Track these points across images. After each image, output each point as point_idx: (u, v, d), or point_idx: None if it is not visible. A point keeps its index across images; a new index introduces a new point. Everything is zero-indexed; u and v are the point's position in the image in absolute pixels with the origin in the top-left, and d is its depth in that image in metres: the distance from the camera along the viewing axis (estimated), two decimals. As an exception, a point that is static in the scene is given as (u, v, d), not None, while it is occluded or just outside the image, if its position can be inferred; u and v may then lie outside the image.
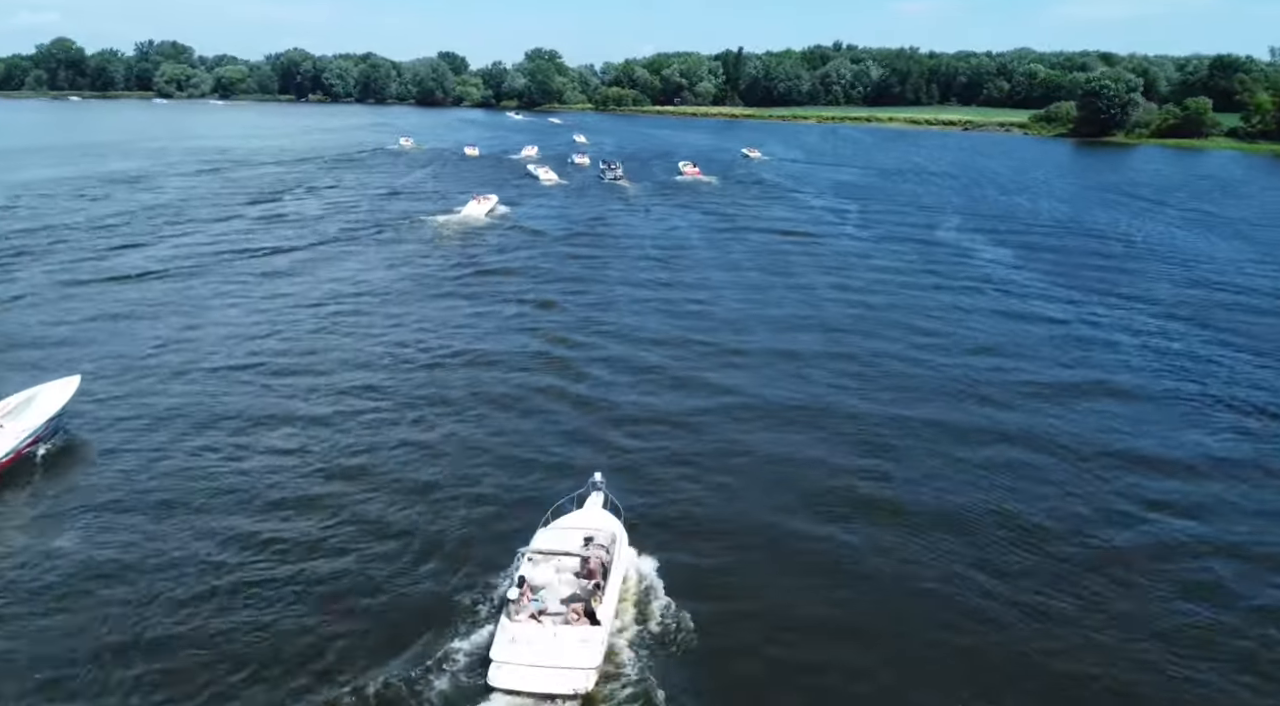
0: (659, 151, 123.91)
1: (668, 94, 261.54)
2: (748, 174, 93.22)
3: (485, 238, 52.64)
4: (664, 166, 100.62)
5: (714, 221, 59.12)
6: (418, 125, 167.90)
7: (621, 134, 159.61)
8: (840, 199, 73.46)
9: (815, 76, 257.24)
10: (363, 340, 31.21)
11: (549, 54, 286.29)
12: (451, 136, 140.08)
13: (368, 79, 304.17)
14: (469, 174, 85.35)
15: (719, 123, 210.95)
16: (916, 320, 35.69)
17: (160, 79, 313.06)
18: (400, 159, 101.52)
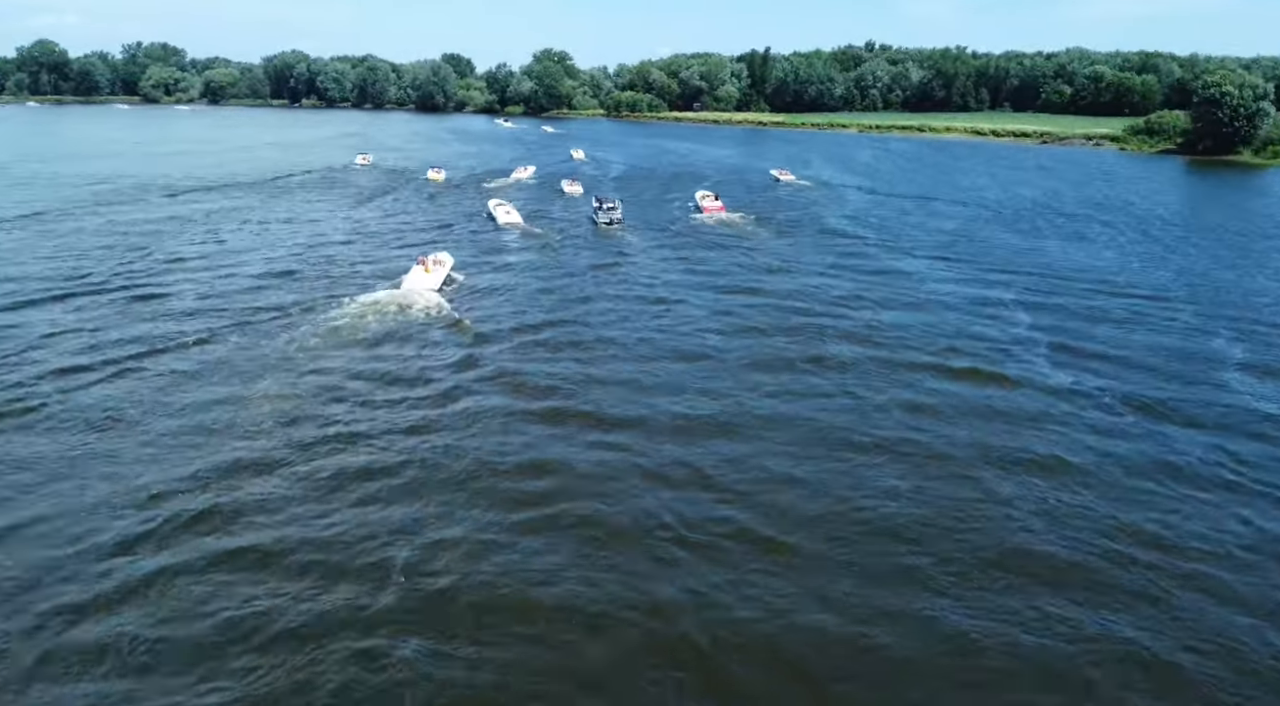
0: (673, 170, 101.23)
1: (686, 99, 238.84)
2: (795, 210, 70.44)
3: (410, 345, 30.54)
4: (679, 193, 78.09)
5: (766, 315, 35.95)
6: (395, 136, 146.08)
7: (631, 147, 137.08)
8: (969, 269, 46.11)
9: (849, 79, 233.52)
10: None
11: (558, 55, 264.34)
12: (424, 152, 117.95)
13: (365, 83, 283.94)
14: (424, 216, 63.14)
15: (744, 131, 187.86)
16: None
17: (146, 83, 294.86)
18: (347, 187, 79.53)
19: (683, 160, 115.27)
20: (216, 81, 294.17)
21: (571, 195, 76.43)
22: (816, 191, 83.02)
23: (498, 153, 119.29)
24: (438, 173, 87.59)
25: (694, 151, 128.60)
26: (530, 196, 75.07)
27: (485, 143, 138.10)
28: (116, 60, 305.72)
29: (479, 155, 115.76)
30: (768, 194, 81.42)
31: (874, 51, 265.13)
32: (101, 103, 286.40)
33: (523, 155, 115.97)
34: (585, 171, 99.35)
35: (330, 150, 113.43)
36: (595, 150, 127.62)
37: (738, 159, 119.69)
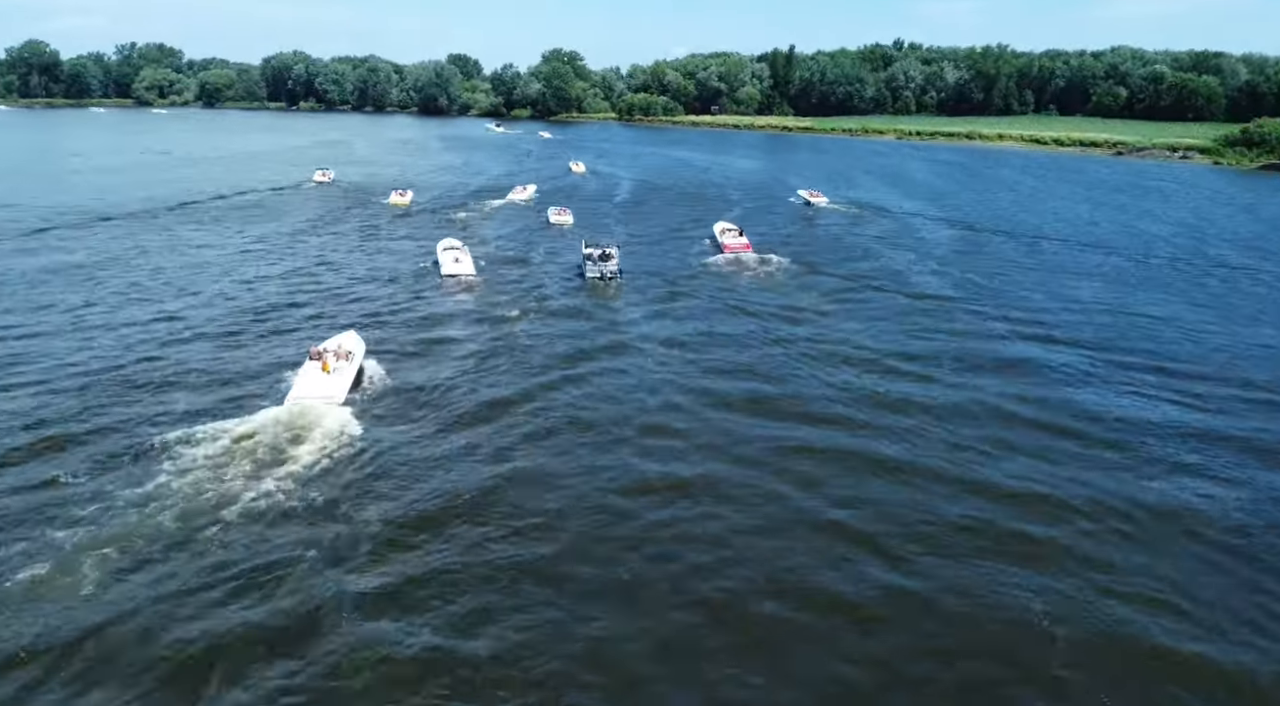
0: (688, 188, 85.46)
1: (703, 101, 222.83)
2: (841, 249, 54.71)
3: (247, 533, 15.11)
4: (693, 220, 62.74)
5: (844, 479, 20.48)
6: (378, 143, 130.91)
7: (641, 157, 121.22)
8: (1170, 381, 29.18)
9: (879, 80, 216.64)
10: None
11: (568, 56, 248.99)
12: (401, 165, 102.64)
13: (365, 84, 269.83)
14: (363, 262, 47.83)
15: (766, 137, 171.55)
16: None
17: (139, 85, 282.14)
18: (284, 216, 64.39)
19: (699, 175, 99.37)
20: (212, 83, 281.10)
21: (560, 226, 60.93)
22: (866, 220, 66.90)
23: (484, 166, 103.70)
24: (402, 196, 72.14)
25: (712, 163, 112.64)
26: (511, 228, 59.76)
27: (475, 152, 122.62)
28: (110, 62, 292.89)
29: (462, 169, 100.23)
30: (801, 223, 65.56)
31: (904, 50, 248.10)
32: (93, 105, 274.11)
33: (512, 169, 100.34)
34: (584, 190, 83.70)
35: (292, 163, 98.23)
36: (600, 161, 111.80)
37: (762, 173, 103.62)
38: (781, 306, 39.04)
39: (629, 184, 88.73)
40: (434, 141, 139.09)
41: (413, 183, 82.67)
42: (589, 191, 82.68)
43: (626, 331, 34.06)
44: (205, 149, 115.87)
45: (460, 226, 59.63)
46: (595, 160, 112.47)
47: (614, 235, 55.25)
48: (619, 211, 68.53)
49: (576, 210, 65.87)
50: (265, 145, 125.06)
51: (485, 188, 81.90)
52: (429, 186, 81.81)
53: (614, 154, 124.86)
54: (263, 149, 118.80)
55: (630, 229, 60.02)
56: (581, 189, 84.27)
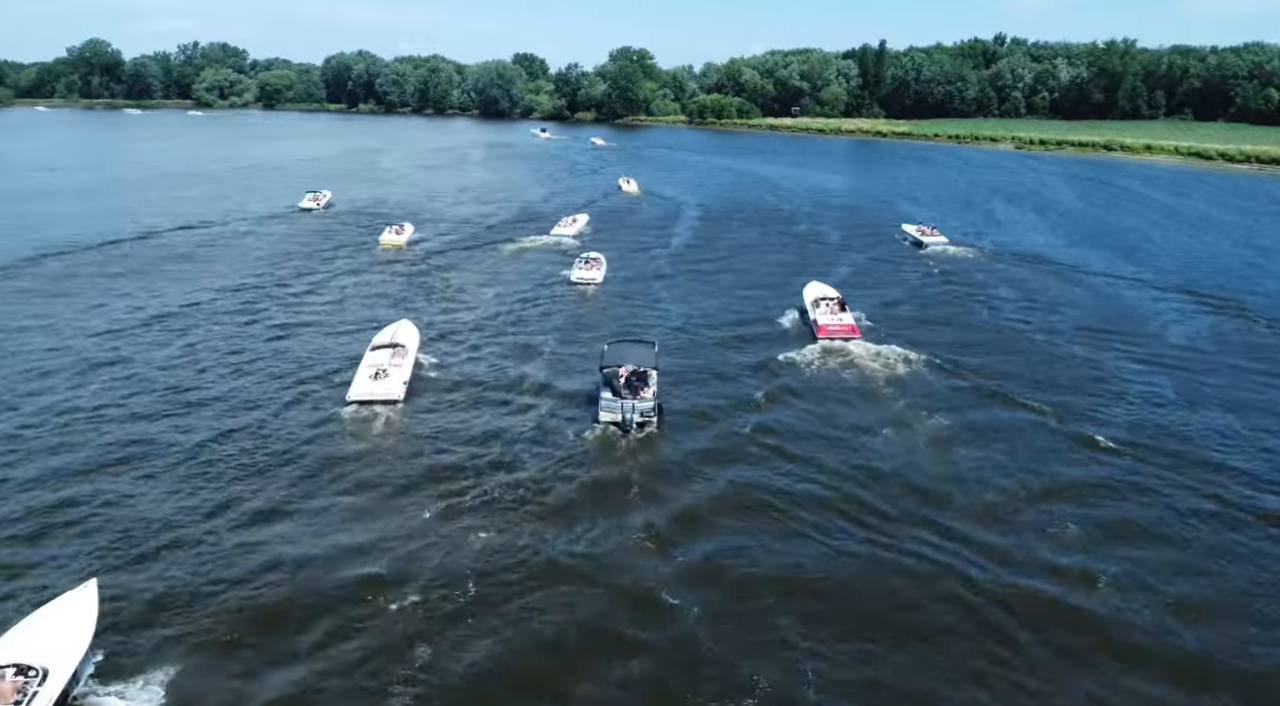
0: (764, 215, 67.28)
1: (783, 102, 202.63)
2: (994, 328, 36.24)
3: None
4: (773, 280, 44.80)
5: None
6: (412, 154, 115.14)
7: (709, 170, 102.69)
8: None
9: (983, 78, 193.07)
10: None
11: (637, 54, 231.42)
12: (422, 184, 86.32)
13: (426, 86, 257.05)
14: (274, 377, 31.01)
15: (855, 144, 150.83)
16: None
17: (200, 86, 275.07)
18: (237, 258, 48.88)
19: (777, 195, 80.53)
20: (271, 85, 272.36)
21: (583, 288, 43.45)
22: (1014, 276, 47.42)
23: (519, 185, 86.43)
24: (398, 233, 55.50)
25: (795, 179, 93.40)
26: (521, 289, 43.35)
27: (516, 165, 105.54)
28: (170, 62, 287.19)
29: (494, 189, 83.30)
30: (919, 278, 46.73)
31: (1007, 45, 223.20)
32: (153, 106, 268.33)
33: (551, 190, 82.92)
34: (632, 219, 66.04)
35: (302, 178, 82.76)
36: (658, 177, 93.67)
37: (857, 192, 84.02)
38: (929, 484, 20.63)
39: (690, 212, 70.37)
40: (476, 151, 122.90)
41: (424, 211, 66.45)
42: (637, 222, 64.77)
43: (647, 582, 16.11)
44: (214, 160, 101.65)
45: (447, 291, 42.28)
46: (653, 175, 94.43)
47: (656, 319, 37.29)
48: (672, 262, 50.25)
49: (616, 257, 48.30)
50: (286, 154, 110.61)
51: (513, 219, 64.67)
52: (442, 217, 65.03)
53: (677, 166, 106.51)
54: (280, 159, 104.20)
55: (684, 296, 41.84)
56: (628, 218, 66.38)
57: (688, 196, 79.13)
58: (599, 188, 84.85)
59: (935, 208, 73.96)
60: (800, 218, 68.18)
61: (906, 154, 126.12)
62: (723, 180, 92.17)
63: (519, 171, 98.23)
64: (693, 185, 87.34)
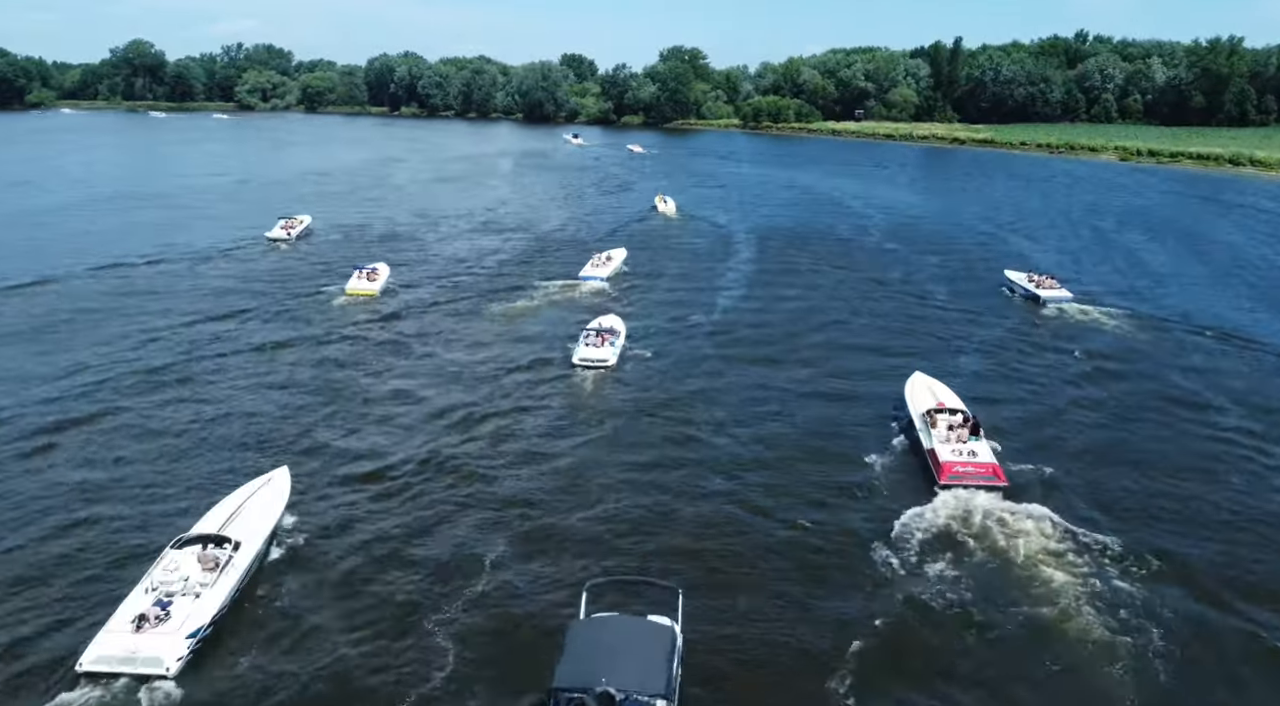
0: (833, 250, 53.80)
1: (846, 104, 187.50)
2: (1210, 475, 22.50)
3: None
4: (857, 364, 31.43)
5: None
6: (432, 162, 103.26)
7: (763, 185, 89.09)
8: None
9: (1068, 79, 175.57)
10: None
11: (689, 54, 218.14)
12: (424, 206, 74.36)
13: (469, 88, 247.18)
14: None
15: (928, 153, 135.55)
16: None
17: (242, 88, 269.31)
18: (162, 305, 37.52)
19: (849, 221, 66.80)
20: (313, 87, 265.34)
21: (590, 367, 30.86)
22: (1196, 363, 33.37)
23: (542, 206, 73.87)
24: (370, 278, 43.63)
25: (864, 198, 79.42)
26: (515, 368, 30.25)
27: (543, 178, 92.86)
28: (213, 64, 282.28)
29: (511, 211, 71.09)
30: (1054, 357, 33.46)
31: (1089, 42, 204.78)
32: (195, 108, 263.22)
33: (575, 212, 70.31)
34: (668, 255, 53.10)
35: (281, 202, 71.38)
36: (703, 194, 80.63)
37: (943, 218, 69.71)
38: None
39: (742, 247, 57.03)
40: (504, 160, 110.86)
41: (419, 242, 54.68)
42: (674, 261, 51.68)
43: None
44: (204, 174, 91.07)
45: (382, 395, 29.77)
46: (699, 193, 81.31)
47: (688, 456, 24.38)
48: (717, 333, 36.92)
49: (642, 320, 35.72)
50: (294, 165, 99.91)
51: (522, 255, 52.27)
52: (437, 251, 52.91)
53: (728, 180, 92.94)
54: (284, 171, 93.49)
55: (734, 403, 28.68)
56: (663, 256, 53.32)
57: (738, 223, 65.84)
58: (631, 208, 72.08)
59: (1049, 241, 59.70)
60: (881, 257, 54.43)
61: (993, 166, 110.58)
62: (781, 200, 78.51)
63: (543, 186, 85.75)
64: (745, 206, 73.95)
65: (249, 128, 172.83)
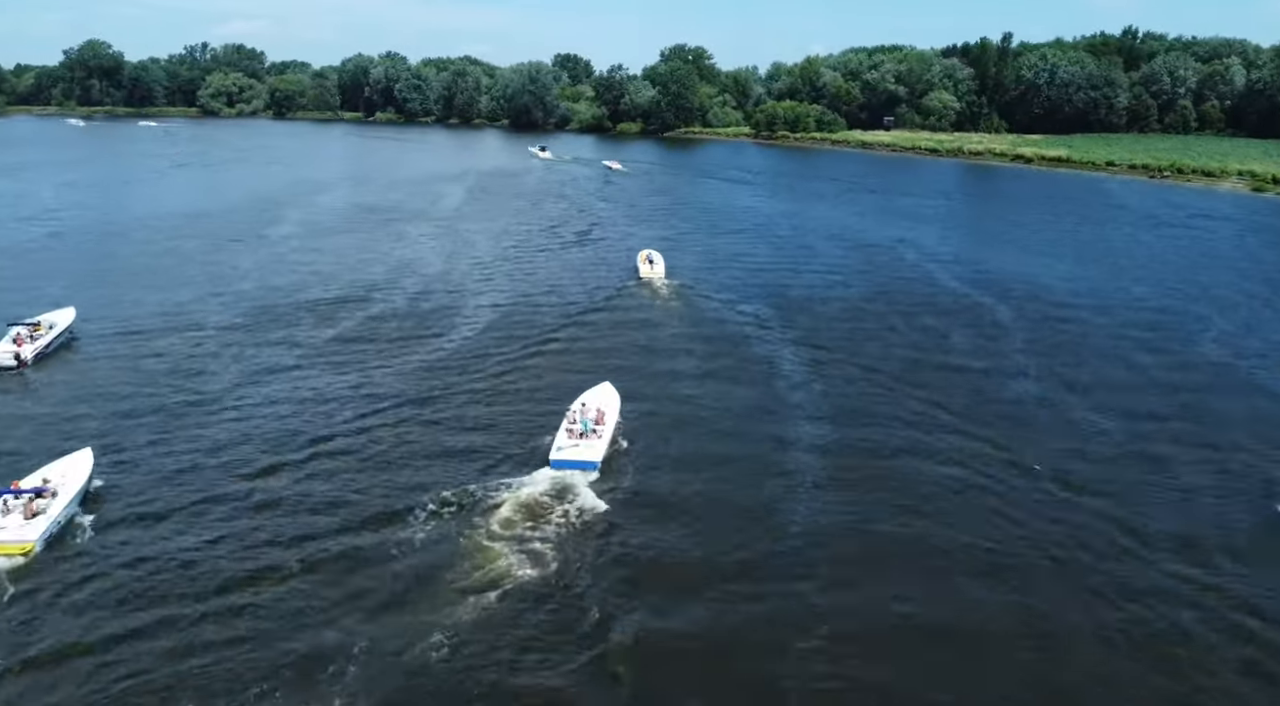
0: (898, 362, 28.23)
1: (873, 111, 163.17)
2: None
3: None
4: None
5: None
6: (372, 190, 78.72)
7: (783, 227, 64.79)
8: None
9: (1135, 82, 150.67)
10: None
11: (693, 53, 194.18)
12: (268, 283, 49.94)
13: (451, 92, 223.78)
14: None
15: (979, 172, 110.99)
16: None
17: (205, 92, 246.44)
18: None
19: (960, 314, 41.53)
20: (282, 91, 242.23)
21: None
22: None
23: (461, 277, 48.94)
24: (26, 514, 19.46)
25: (960, 261, 54.56)
26: None
27: (483, 215, 67.60)
28: (171, 65, 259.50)
29: (419, 284, 47.10)
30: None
31: (1141, 40, 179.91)
32: (154, 114, 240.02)
33: (507, 291, 45.52)
34: (659, 356, 28.39)
35: (42, 284, 47.30)
36: (701, 244, 56.33)
37: (1106, 293, 44.92)
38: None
39: (763, 354, 32.62)
40: (454, 188, 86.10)
41: (204, 392, 30.26)
42: (675, 433, 27.24)
43: None
44: (13, 214, 66.96)
45: None
46: (698, 243, 57.07)
47: None
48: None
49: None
50: (161, 200, 75.28)
51: (393, 416, 27.84)
52: (244, 415, 28.62)
53: (740, 221, 68.39)
54: (134, 211, 69.04)
55: None
56: (645, 385, 29.05)
57: (755, 298, 41.92)
58: (602, 272, 47.98)
59: (1244, 349, 35.37)
60: (974, 374, 30.23)
61: (1089, 198, 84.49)
62: (828, 260, 54.03)
63: (483, 231, 61.32)
64: (774, 273, 49.59)
65: (168, 139, 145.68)
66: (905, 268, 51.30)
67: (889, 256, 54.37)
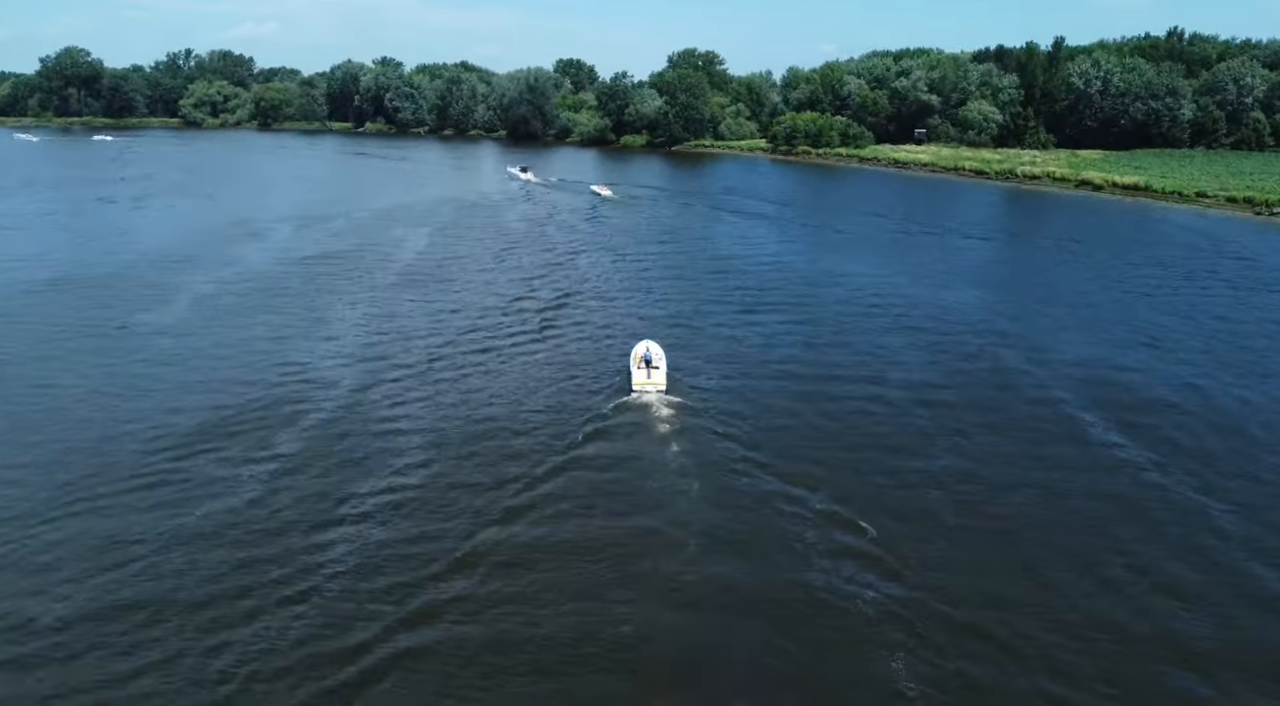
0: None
1: (902, 122, 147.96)
2: None
3: None
4: None
5: None
6: (310, 240, 63.36)
7: (840, 310, 49.70)
8: None
9: (1197, 88, 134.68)
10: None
11: (703, 58, 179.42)
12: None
13: (445, 101, 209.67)
14: None
15: (1052, 205, 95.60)
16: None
17: (187, 102, 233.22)
18: None
19: (1022, 434, 26.37)
20: (267, 100, 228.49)
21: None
22: None
23: (396, 400, 33.95)
24: None
25: (1005, 340, 39.59)
26: None
27: (432, 279, 52.17)
28: (154, 74, 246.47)
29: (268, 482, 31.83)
30: None
31: (1192, 42, 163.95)
32: (136, 126, 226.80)
33: (464, 376, 30.42)
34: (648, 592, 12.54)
35: None
36: (700, 325, 40.88)
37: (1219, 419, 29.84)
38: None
39: (814, 567, 17.26)
40: (416, 231, 71.26)
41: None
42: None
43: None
44: None
45: None
46: (705, 314, 41.88)
47: None
48: None
49: None
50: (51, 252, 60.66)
51: None
52: None
53: (755, 272, 53.09)
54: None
55: None
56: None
57: (800, 444, 26.85)
58: (572, 381, 32.84)
59: None
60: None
61: (1200, 243, 68.24)
62: (884, 358, 38.81)
63: (432, 304, 46.19)
64: (803, 370, 34.59)
65: (118, 160, 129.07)
66: (1024, 388, 35.76)
67: (990, 366, 38.71)
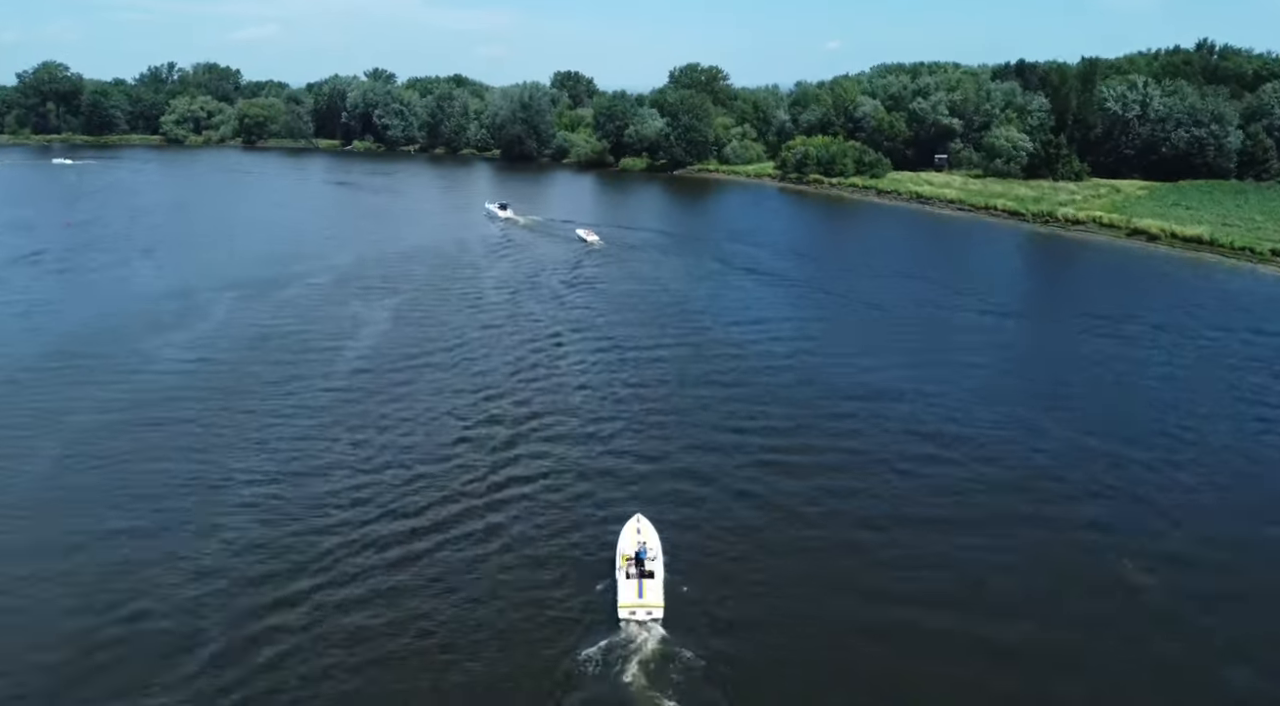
0: None
1: (922, 147, 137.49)
2: None
3: None
4: None
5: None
6: (247, 317, 52.83)
7: (863, 424, 39.26)
8: None
9: (1241, 112, 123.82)
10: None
11: (707, 73, 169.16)
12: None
13: (435, 118, 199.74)
14: None
15: (1091, 264, 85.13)
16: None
17: (169, 118, 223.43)
18: None
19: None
20: (251, 117, 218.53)
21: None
22: None
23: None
24: None
25: (1100, 525, 29.38)
26: None
27: (390, 387, 41.10)
28: (134, 89, 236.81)
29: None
30: None
31: (1223, 56, 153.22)
32: (117, 143, 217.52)
33: (402, 584, 20.16)
34: None
35: None
36: (706, 479, 30.33)
37: None
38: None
39: None
40: (378, 304, 61.00)
41: None
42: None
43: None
44: None
45: None
46: (710, 464, 31.41)
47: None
48: None
49: None
50: None
51: None
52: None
53: (774, 387, 42.47)
54: None
55: None
56: None
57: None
58: (543, 591, 22.56)
59: None
60: None
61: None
62: (976, 586, 28.52)
63: (367, 441, 35.83)
64: (856, 583, 24.39)
65: (69, 191, 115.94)
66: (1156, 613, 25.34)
67: (1111, 591, 28.35)
